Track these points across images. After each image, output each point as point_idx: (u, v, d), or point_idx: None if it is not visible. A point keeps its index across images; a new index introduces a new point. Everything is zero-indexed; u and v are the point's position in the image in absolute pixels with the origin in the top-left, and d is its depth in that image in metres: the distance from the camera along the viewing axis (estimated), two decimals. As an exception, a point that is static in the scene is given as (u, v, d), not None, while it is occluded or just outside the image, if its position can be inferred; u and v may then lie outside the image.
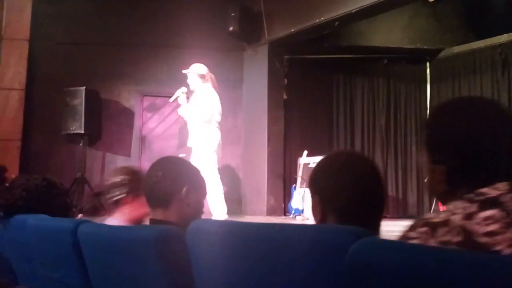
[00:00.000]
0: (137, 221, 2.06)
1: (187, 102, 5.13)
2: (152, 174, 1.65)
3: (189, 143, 5.15)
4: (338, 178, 1.20)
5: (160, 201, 1.63)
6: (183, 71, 5.21)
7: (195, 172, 1.72)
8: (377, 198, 1.24)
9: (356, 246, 0.81)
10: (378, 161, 7.33)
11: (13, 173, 4.14)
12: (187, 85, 5.24)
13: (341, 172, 1.21)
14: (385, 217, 1.30)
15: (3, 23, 6.36)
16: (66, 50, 6.63)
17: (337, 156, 1.32)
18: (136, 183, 2.00)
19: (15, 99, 6.33)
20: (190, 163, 1.78)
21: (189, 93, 5.22)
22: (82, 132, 6.13)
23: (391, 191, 7.27)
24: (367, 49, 7.09)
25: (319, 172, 1.26)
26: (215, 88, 5.15)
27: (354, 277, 0.80)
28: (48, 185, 2.18)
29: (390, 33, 7.03)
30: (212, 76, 5.21)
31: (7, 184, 2.27)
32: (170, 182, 1.62)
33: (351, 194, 1.18)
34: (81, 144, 6.31)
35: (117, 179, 1.99)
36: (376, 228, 1.23)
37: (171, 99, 5.26)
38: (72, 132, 6.19)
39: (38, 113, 6.51)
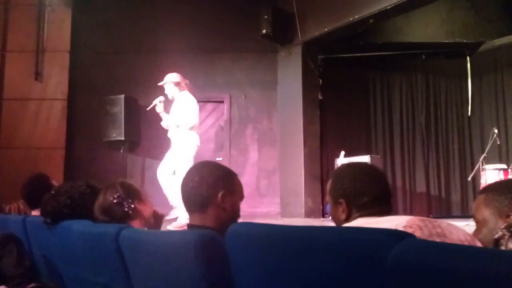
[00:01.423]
0: (151, 217, 2.13)
1: (164, 111, 5.11)
2: (188, 179, 1.66)
3: (171, 149, 5.09)
4: (363, 180, 1.50)
5: (197, 206, 1.64)
6: (159, 84, 5.18)
7: (231, 177, 1.71)
8: (389, 195, 1.55)
9: (400, 247, 0.80)
10: (419, 159, 7.16)
11: (58, 180, 4.29)
12: (165, 95, 5.19)
13: (365, 176, 1.52)
14: (428, 217, 1.38)
15: (45, 36, 6.62)
16: (105, 59, 6.83)
17: (355, 165, 1.66)
18: (131, 190, 2.04)
19: (58, 109, 6.57)
20: (226, 168, 1.76)
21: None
22: (123, 138, 6.30)
23: (433, 190, 7.08)
24: (404, 45, 6.94)
25: (343, 180, 1.54)
26: (192, 93, 5.12)
27: (398, 277, 0.79)
28: (92, 191, 2.24)
29: (428, 28, 6.86)
30: (187, 82, 5.18)
31: (52, 192, 2.35)
32: (206, 187, 1.62)
33: (374, 192, 1.48)
34: (121, 151, 6.48)
35: (116, 196, 2.02)
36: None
37: (148, 108, 5.24)
38: (113, 139, 6.36)
39: (80, 122, 6.73)
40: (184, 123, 4.94)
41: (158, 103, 5.11)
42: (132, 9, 6.83)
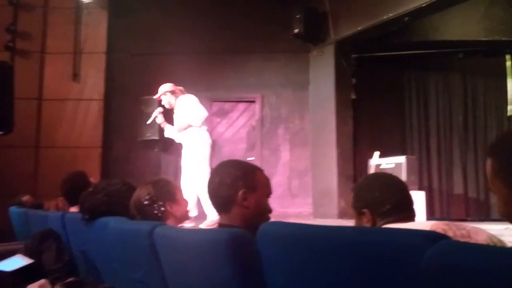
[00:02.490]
0: (184, 216, 2.16)
1: (165, 121, 5.15)
2: (210, 182, 1.67)
3: (185, 152, 5.09)
4: (382, 189, 1.58)
5: (221, 207, 1.65)
6: (154, 97, 5.25)
7: (251, 174, 1.67)
8: (411, 202, 1.60)
9: (434, 249, 0.79)
10: (456, 161, 6.97)
11: (95, 178, 4.41)
12: (163, 105, 5.21)
13: (383, 185, 1.59)
14: (466, 220, 1.35)
15: (82, 38, 6.83)
16: (140, 61, 6.97)
17: (375, 176, 1.76)
18: (163, 191, 2.05)
19: (95, 109, 6.76)
20: (247, 165, 1.72)
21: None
22: (157, 138, 6.42)
23: (471, 192, 6.88)
24: (441, 43, 6.77)
25: (363, 191, 1.61)
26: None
27: (432, 279, 0.78)
28: (128, 189, 2.29)
29: (465, 25, 6.66)
30: (181, 88, 5.18)
31: (90, 189, 2.42)
32: (225, 188, 1.61)
33: (394, 200, 1.55)
34: (156, 150, 6.61)
35: (147, 197, 2.02)
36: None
37: (149, 121, 5.29)
38: (147, 138, 6.50)
39: (116, 122, 6.90)
40: (195, 119, 4.96)
41: (158, 115, 5.17)
42: (166, 11, 6.94)
